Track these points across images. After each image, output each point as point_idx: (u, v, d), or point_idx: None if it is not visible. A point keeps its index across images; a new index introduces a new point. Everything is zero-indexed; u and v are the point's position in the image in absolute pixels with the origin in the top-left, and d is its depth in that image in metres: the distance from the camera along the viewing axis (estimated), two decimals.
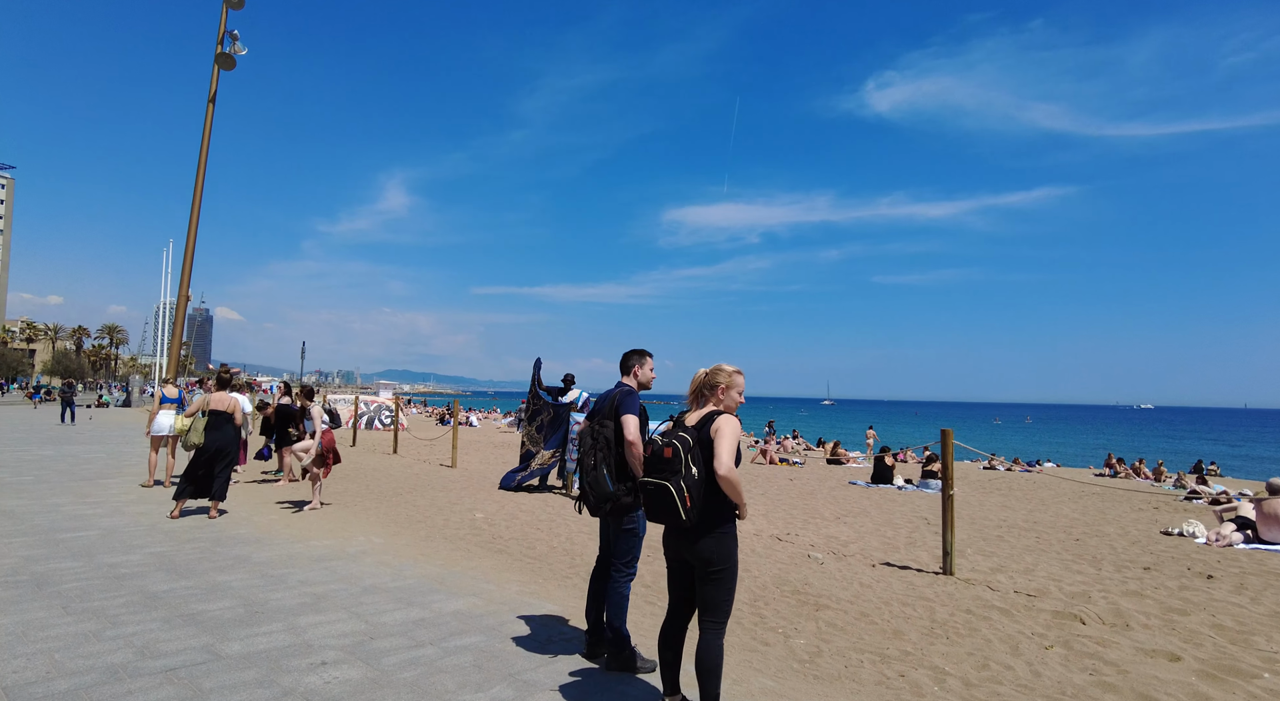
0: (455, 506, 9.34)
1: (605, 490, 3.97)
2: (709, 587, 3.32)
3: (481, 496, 10.20)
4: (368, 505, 9.43)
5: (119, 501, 9.02)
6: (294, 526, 7.79)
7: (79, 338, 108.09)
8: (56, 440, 17.61)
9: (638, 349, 4.41)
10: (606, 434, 4.06)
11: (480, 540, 7.41)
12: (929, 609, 5.32)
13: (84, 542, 6.69)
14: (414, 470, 13.59)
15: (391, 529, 7.90)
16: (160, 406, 10.55)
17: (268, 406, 11.91)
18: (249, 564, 6.09)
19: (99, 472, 11.73)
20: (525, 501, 9.78)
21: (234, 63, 18.13)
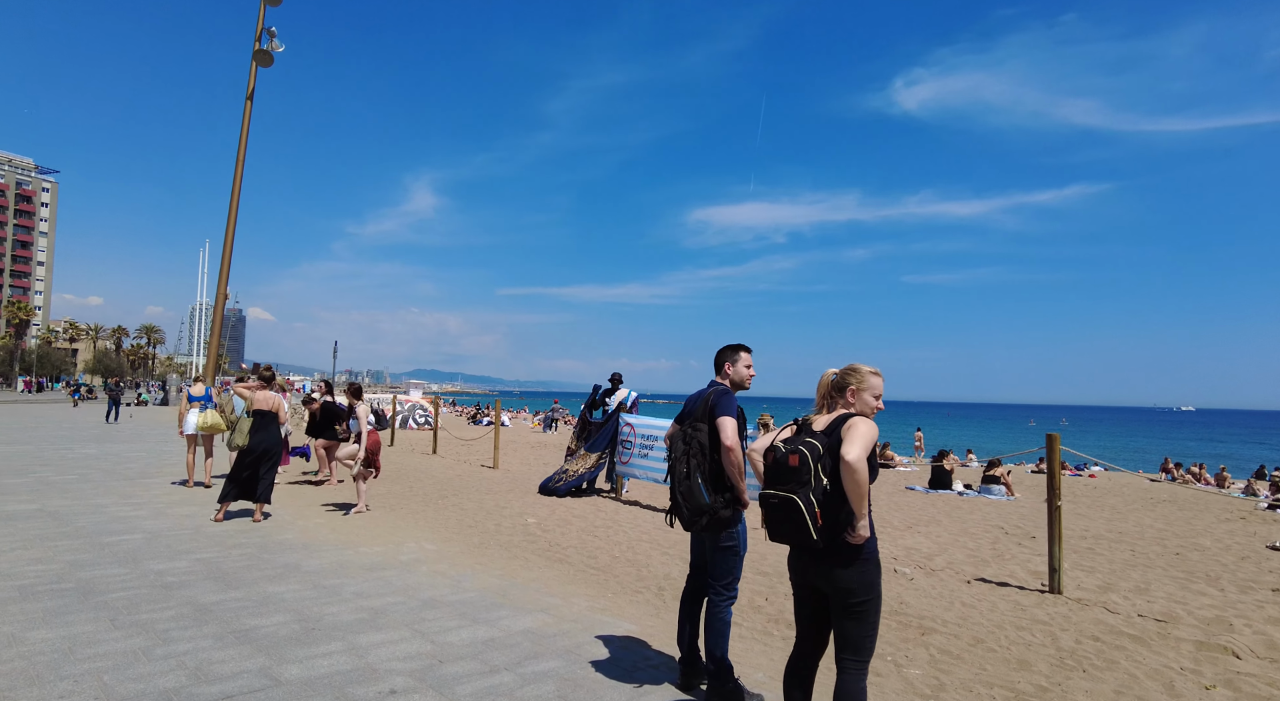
0: (504, 510, 8.95)
1: (700, 502, 3.51)
2: (849, 622, 2.84)
3: (529, 500, 9.81)
4: (414, 508, 9.09)
5: (162, 502, 8.79)
6: (341, 531, 7.46)
7: (118, 337, 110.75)
8: (99, 438, 17.66)
9: (731, 344, 3.93)
10: (700, 438, 3.60)
11: (536, 548, 6.99)
12: (1050, 634, 4.77)
13: (129, 546, 6.41)
14: (455, 471, 13.26)
15: (442, 534, 7.53)
16: (189, 405, 10.33)
17: (313, 402, 11.65)
18: (299, 573, 5.74)
19: (141, 472, 11.58)
20: (576, 505, 9.36)
21: (272, 60, 18.02)
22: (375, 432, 8.60)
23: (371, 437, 8.51)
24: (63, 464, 12.27)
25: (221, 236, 17.19)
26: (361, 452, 8.37)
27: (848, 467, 2.68)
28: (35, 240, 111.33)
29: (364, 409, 8.48)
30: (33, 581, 5.24)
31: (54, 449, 14.73)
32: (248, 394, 8.04)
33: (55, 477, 10.63)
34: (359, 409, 8.48)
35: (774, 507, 2.82)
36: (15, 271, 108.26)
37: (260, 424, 7.94)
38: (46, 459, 12.94)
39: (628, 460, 9.75)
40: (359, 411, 8.47)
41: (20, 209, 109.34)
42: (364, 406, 8.51)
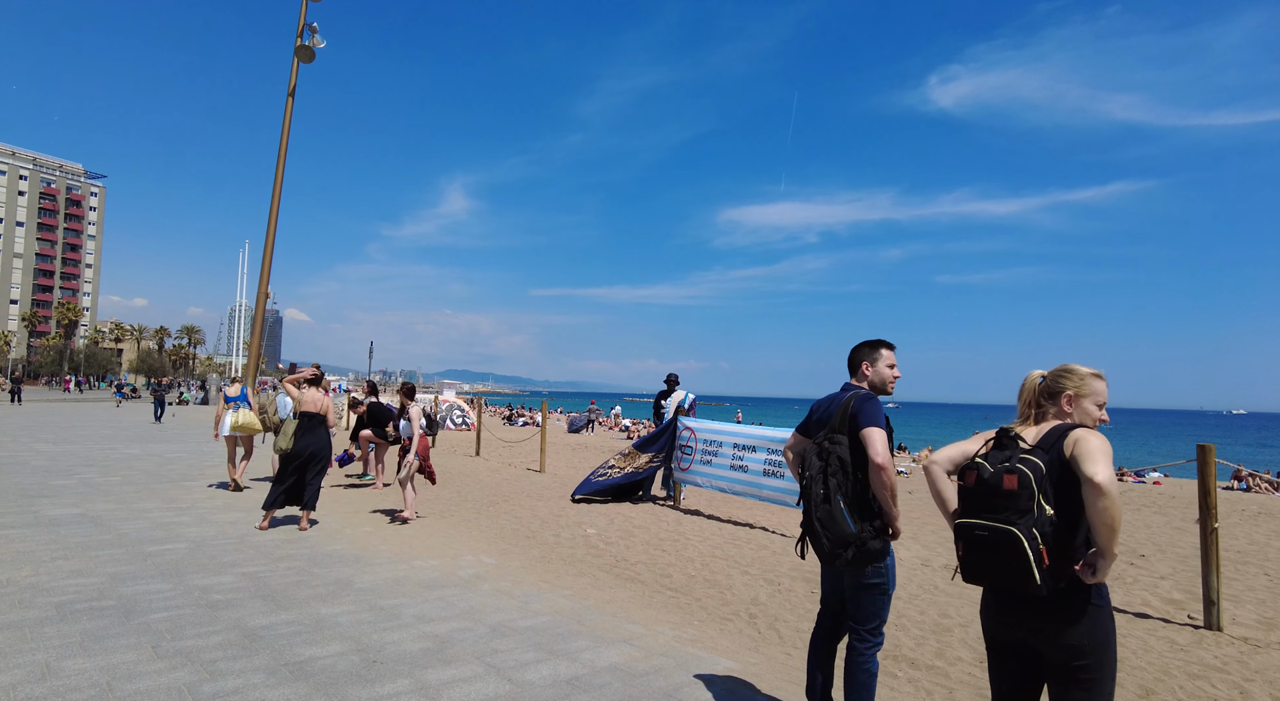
0: (560, 519, 8.42)
1: (845, 531, 2.90)
2: (1077, 692, 2.20)
3: (584, 508, 9.26)
4: (465, 515, 8.60)
5: (205, 508, 8.44)
6: (392, 542, 6.99)
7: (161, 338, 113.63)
8: (142, 438, 17.63)
9: (870, 340, 3.31)
10: (840, 453, 2.99)
11: (603, 563, 6.43)
12: (1236, 688, 4.04)
13: (172, 558, 6.00)
14: (501, 474, 12.80)
15: (499, 546, 7.01)
16: (225, 406, 10.00)
17: (360, 405, 11.27)
18: (352, 591, 5.26)
19: (183, 474, 11.32)
20: (635, 515, 8.79)
21: (314, 55, 17.82)
22: (425, 437, 8.13)
23: (421, 443, 8.04)
24: (106, 465, 12.09)
25: (261, 236, 17.03)
26: (412, 457, 7.91)
27: (1099, 492, 2.06)
28: (84, 243, 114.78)
29: (416, 411, 8.02)
30: (72, 597, 4.84)
31: (99, 449, 14.64)
32: (296, 392, 7.63)
33: (99, 479, 10.40)
34: (411, 411, 8.02)
35: (982, 543, 2.20)
36: (65, 273, 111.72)
37: (307, 426, 7.52)
38: (91, 459, 12.80)
39: (688, 466, 9.15)
40: (411, 413, 8.01)
41: (70, 213, 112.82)
42: (416, 408, 8.05)
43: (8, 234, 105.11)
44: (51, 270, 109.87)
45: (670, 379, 9.97)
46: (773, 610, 5.17)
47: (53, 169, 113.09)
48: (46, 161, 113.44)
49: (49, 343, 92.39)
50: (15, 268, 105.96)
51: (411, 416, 8.00)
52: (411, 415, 8.01)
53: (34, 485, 9.61)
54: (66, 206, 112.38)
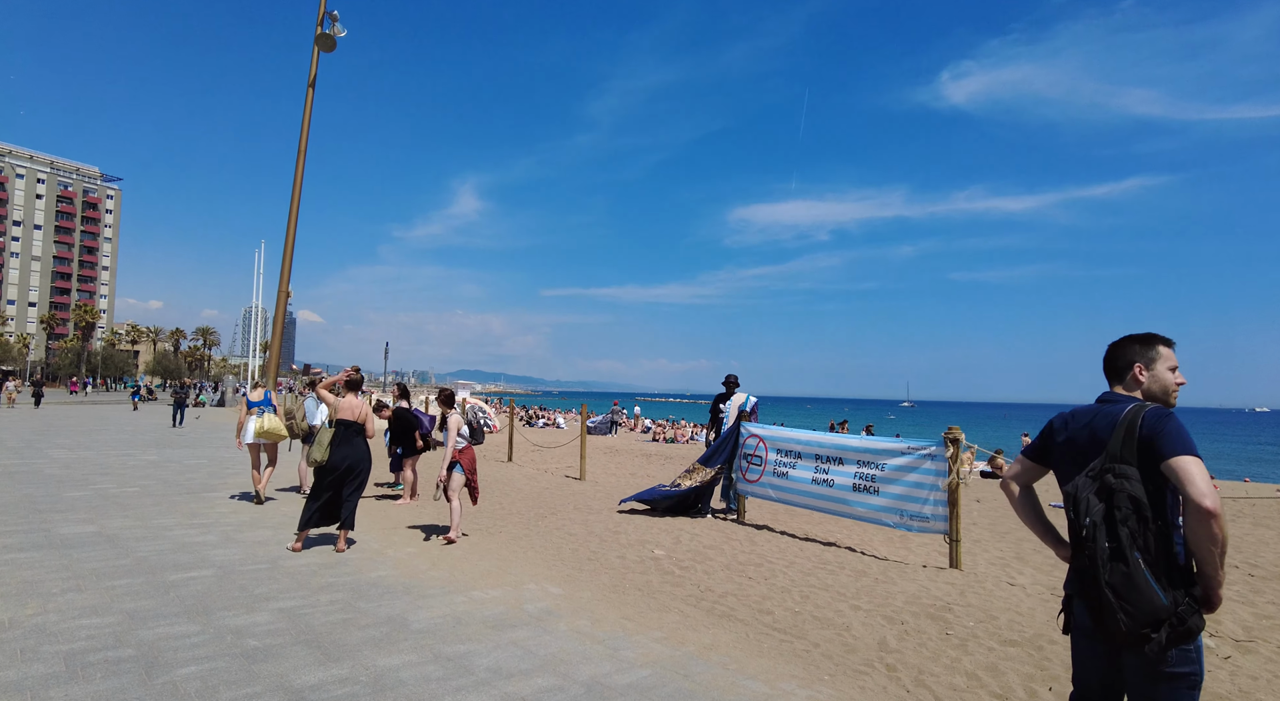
0: (619, 536, 7.61)
1: (1155, 603, 2.06)
2: None
3: (639, 522, 8.46)
4: (513, 531, 7.82)
5: (229, 524, 7.70)
6: (442, 566, 6.21)
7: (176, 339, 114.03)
8: (159, 443, 17.01)
9: (1139, 335, 2.46)
10: (1132, 491, 2.14)
11: (686, 594, 5.61)
12: None
13: (198, 589, 5.25)
14: (540, 482, 12.01)
15: (561, 570, 6.22)
16: (247, 412, 9.23)
17: (384, 408, 10.52)
18: (409, 633, 4.47)
19: (203, 484, 10.61)
20: (699, 532, 7.96)
21: (334, 44, 17.13)
22: (470, 448, 7.34)
23: (466, 454, 7.26)
24: (123, 473, 11.42)
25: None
26: (445, 473, 7.13)
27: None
28: (100, 246, 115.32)
29: (455, 420, 7.23)
30: (84, 645, 4.08)
31: (115, 455, 14.00)
32: (331, 399, 6.87)
33: (115, 490, 9.70)
34: (451, 419, 7.23)
35: None
36: (82, 276, 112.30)
37: (344, 436, 6.75)
38: (107, 467, 12.13)
39: (756, 478, 8.31)
40: (450, 422, 7.22)
41: (87, 216, 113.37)
42: (455, 417, 7.26)
43: (26, 237, 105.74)
44: (69, 272, 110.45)
45: (729, 380, 9.13)
46: (911, 659, 4.33)
47: (69, 172, 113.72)
48: (63, 165, 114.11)
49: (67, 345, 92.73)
50: (33, 270, 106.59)
51: (450, 426, 7.21)
52: (450, 425, 7.21)
53: (46, 497, 8.92)
54: (83, 209, 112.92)
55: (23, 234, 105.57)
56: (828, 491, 7.40)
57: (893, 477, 6.81)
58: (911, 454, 6.69)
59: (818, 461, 7.57)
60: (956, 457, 6.34)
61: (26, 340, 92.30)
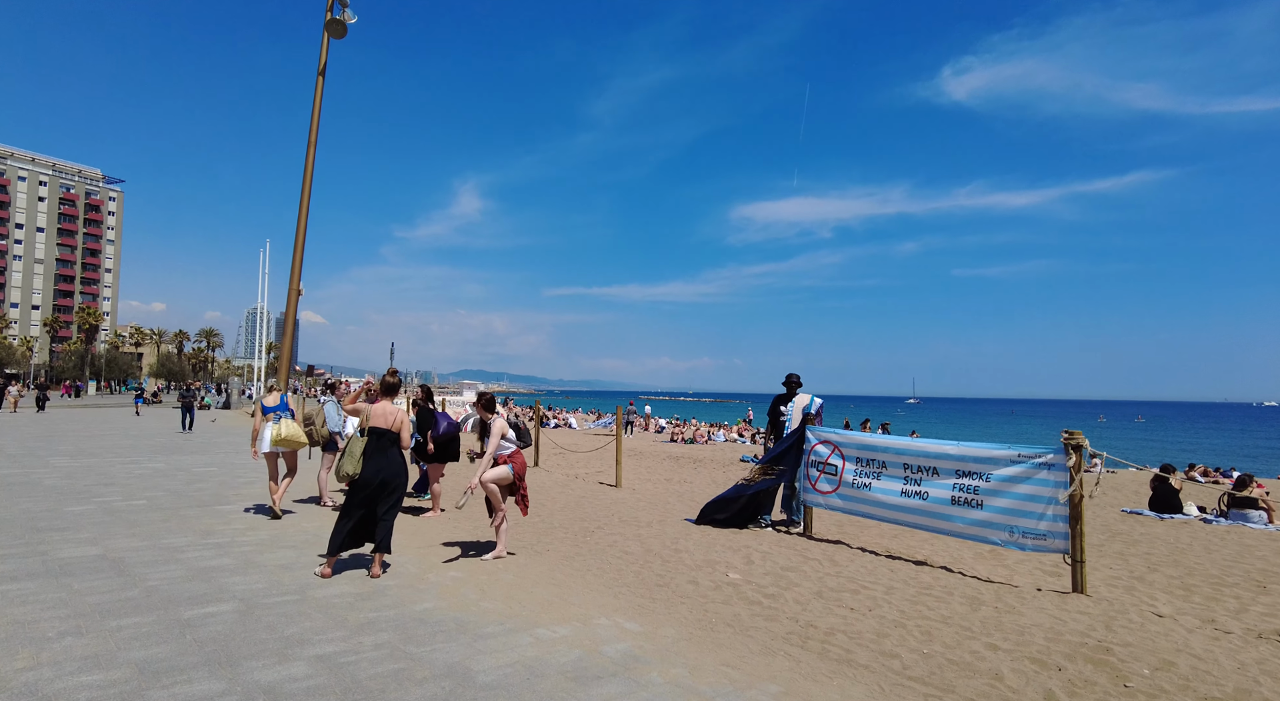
0: (682, 555, 6.83)
1: None
2: None
3: (698, 537, 7.68)
4: (562, 549, 7.04)
5: (247, 543, 6.94)
6: (493, 594, 5.43)
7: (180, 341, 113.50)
8: (166, 449, 16.26)
9: None
10: None
11: (786, 631, 4.82)
12: None
13: (219, 629, 4.48)
14: (574, 490, 11.23)
15: (632, 600, 5.44)
16: (263, 418, 8.44)
17: None
18: (477, 690, 3.70)
19: (215, 495, 9.85)
20: (770, 549, 7.17)
21: (345, 30, 16.37)
22: (519, 453, 6.56)
23: (516, 460, 6.48)
24: (129, 483, 10.66)
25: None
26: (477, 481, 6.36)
27: None
28: (103, 248, 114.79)
29: (500, 424, 6.45)
30: None
31: (120, 463, 13.25)
32: (363, 406, 6.10)
33: (121, 504, 8.95)
34: (495, 424, 6.45)
35: None
36: (85, 278, 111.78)
37: (377, 447, 5.97)
38: (112, 476, 11.38)
39: (830, 490, 7.51)
40: (494, 427, 6.45)
41: (89, 218, 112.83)
42: (499, 422, 6.48)
43: (28, 239, 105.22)
44: (72, 275, 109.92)
45: (791, 380, 8.34)
46: None
47: (71, 174, 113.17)
48: (65, 167, 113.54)
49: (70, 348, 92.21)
50: (36, 273, 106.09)
51: (493, 431, 6.43)
52: (493, 430, 6.44)
53: (46, 513, 8.17)
54: (85, 211, 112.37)
55: (25, 236, 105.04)
56: (920, 505, 6.60)
57: (1000, 489, 6.02)
58: (1024, 462, 5.89)
59: (907, 471, 6.77)
60: (1080, 467, 5.55)
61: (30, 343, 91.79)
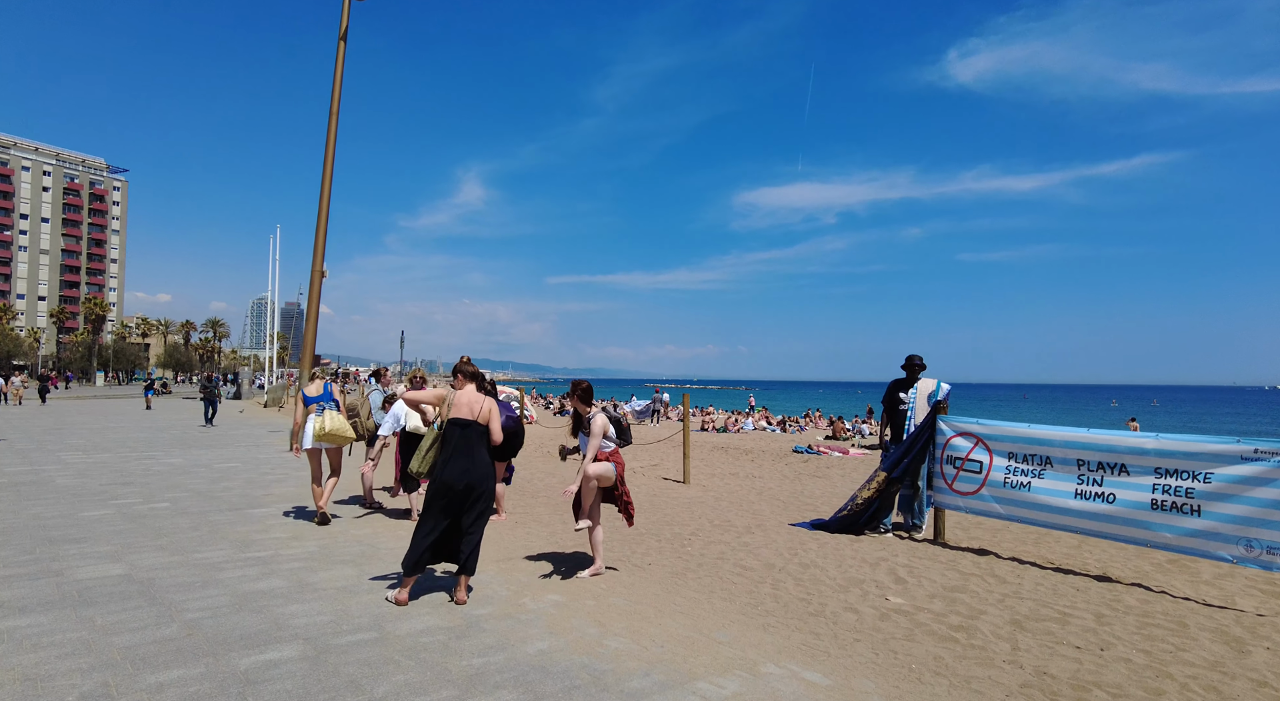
0: (815, 572, 5.75)
1: None
2: None
3: (811, 545, 6.62)
4: (667, 563, 5.98)
5: (295, 558, 5.89)
6: (614, 628, 4.36)
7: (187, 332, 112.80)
8: (183, 443, 15.25)
9: None
10: None
11: (1017, 682, 3.74)
12: None
13: (288, 688, 3.41)
14: (639, 487, 10.16)
15: (792, 637, 4.35)
16: (305, 409, 7.35)
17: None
18: None
19: (244, 496, 8.82)
20: (913, 562, 6.07)
21: None
22: (618, 453, 5.47)
23: (616, 460, 5.40)
24: (147, 483, 9.64)
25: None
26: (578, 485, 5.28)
27: None
28: (108, 238, 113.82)
29: (602, 421, 5.35)
30: None
31: (136, 459, 12.23)
32: (443, 393, 5.00)
33: (141, 506, 7.92)
34: (596, 421, 5.35)
35: None
36: (91, 269, 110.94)
37: (460, 443, 4.87)
38: (128, 474, 10.36)
39: (973, 490, 6.41)
40: (594, 424, 5.34)
41: (94, 208, 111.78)
42: (600, 417, 5.38)
43: (33, 230, 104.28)
44: (77, 266, 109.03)
45: (912, 362, 7.19)
46: None
47: (75, 164, 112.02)
48: (69, 156, 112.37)
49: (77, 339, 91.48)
50: (42, 264, 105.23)
51: (593, 428, 5.34)
52: (594, 427, 5.34)
53: (59, 519, 7.14)
54: (90, 201, 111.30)
55: (30, 227, 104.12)
56: (1105, 510, 5.49)
57: (1227, 492, 4.91)
58: (1265, 460, 4.78)
59: (1082, 468, 5.67)
60: None
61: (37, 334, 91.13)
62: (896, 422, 7.18)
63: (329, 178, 14.22)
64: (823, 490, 10.47)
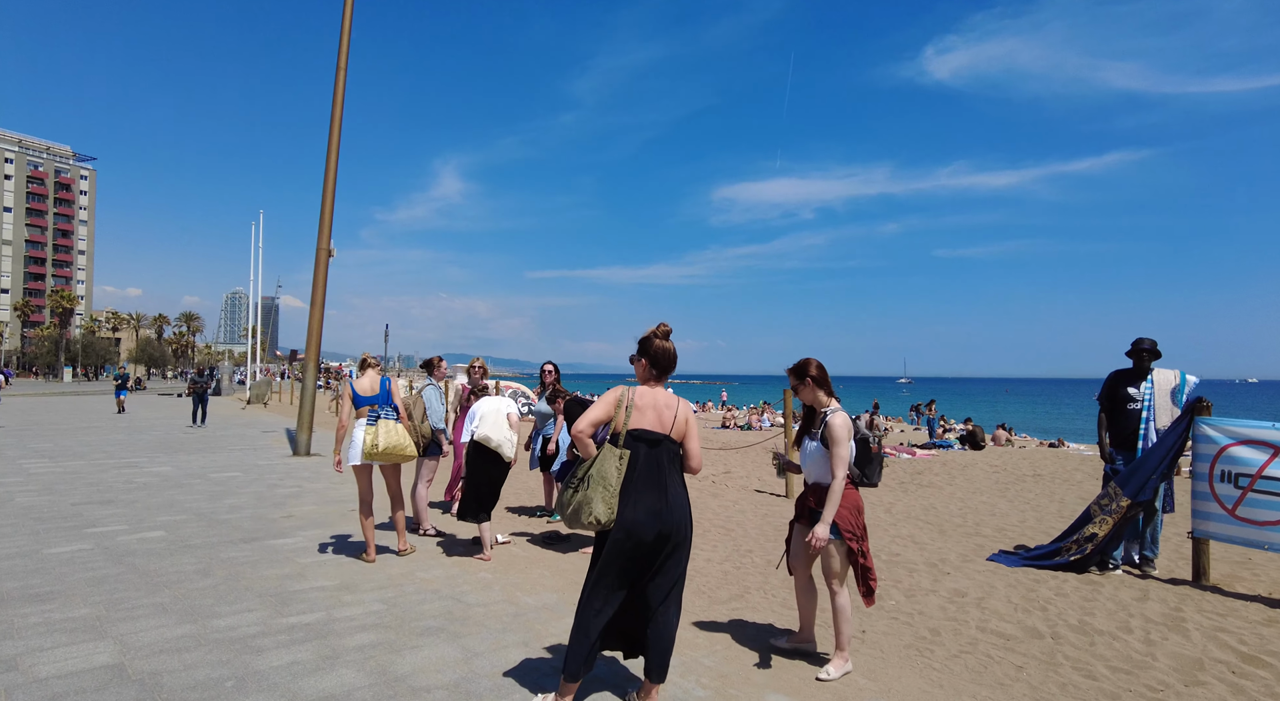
0: (1104, 639, 4.12)
1: None
2: None
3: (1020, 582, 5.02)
4: (880, 626, 4.30)
5: (355, 621, 4.13)
6: None
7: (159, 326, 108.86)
8: (168, 446, 13.27)
9: None
10: None
11: None
12: None
13: None
14: (735, 502, 8.45)
15: None
16: (354, 412, 5.55)
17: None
18: None
19: (258, 518, 7.01)
20: (1193, 613, 4.50)
21: None
22: (853, 489, 3.71)
23: (851, 500, 3.65)
24: (132, 501, 7.76)
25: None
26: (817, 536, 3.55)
27: None
28: (75, 229, 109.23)
29: (846, 427, 3.58)
30: None
31: (114, 467, 10.30)
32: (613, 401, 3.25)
33: (128, 537, 6.09)
34: (835, 425, 3.58)
35: None
36: (57, 261, 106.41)
37: (651, 471, 3.13)
38: (107, 488, 8.46)
39: (1264, 518, 4.79)
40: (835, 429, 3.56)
41: (60, 197, 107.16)
42: (844, 417, 3.62)
43: None
44: (43, 257, 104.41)
45: (1141, 348, 5.54)
46: None
47: (39, 151, 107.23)
48: (33, 143, 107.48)
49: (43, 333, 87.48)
50: (5, 255, 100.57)
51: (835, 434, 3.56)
52: (836, 434, 3.56)
53: (17, 560, 5.30)
54: (56, 190, 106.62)
55: None
56: None
57: None
58: None
59: None
60: None
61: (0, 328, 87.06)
62: (1123, 426, 5.55)
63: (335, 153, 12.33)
64: (943, 501, 8.88)
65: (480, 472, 5.64)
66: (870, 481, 3.79)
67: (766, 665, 3.69)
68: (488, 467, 5.63)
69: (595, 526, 3.04)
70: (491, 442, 5.55)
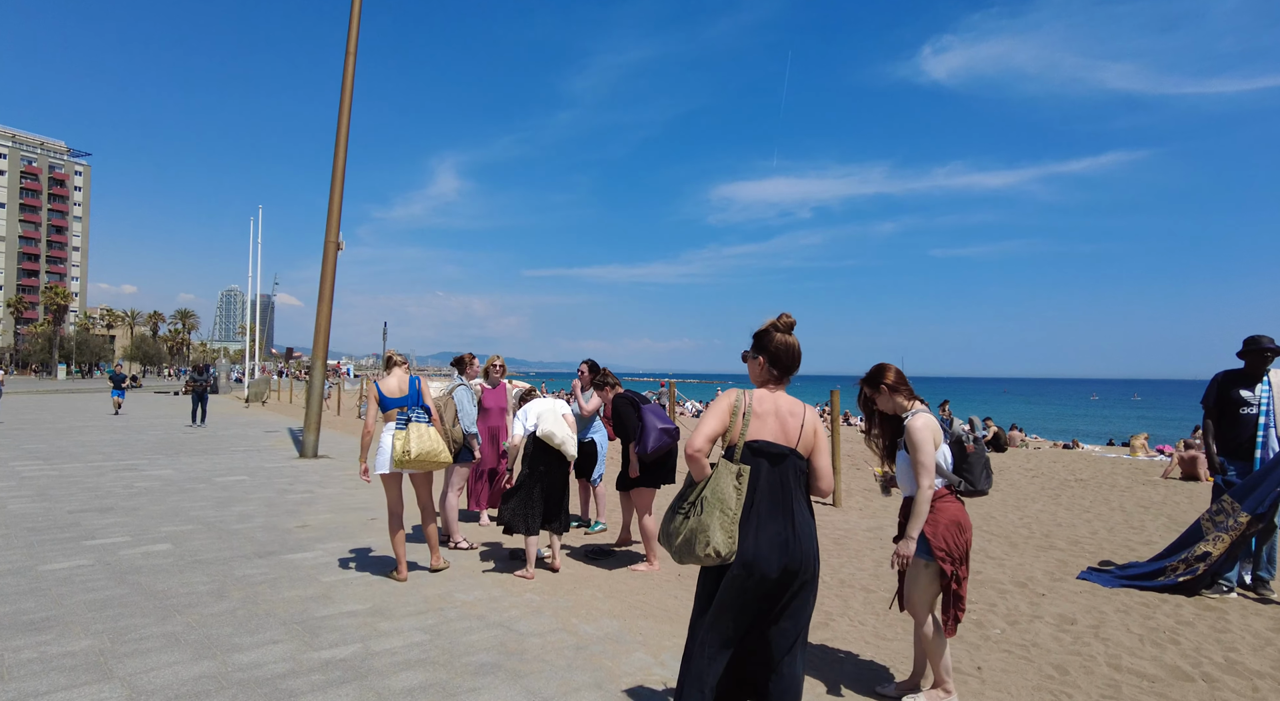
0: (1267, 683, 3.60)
1: None
2: None
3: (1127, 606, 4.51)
4: (994, 661, 3.79)
5: (396, 655, 3.60)
6: None
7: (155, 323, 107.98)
8: (168, 447, 12.69)
9: None
10: None
11: None
12: None
13: None
14: None
15: None
16: (381, 414, 5.01)
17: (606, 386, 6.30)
18: None
19: (271, 528, 6.47)
20: None
21: None
22: (955, 502, 3.21)
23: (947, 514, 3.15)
24: (134, 508, 7.20)
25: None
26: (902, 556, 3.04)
27: None
28: (69, 225, 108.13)
29: (931, 430, 3.12)
30: None
31: (113, 471, 9.72)
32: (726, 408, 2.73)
33: (131, 551, 5.53)
34: (917, 427, 3.11)
35: None
36: (51, 257, 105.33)
37: (775, 493, 2.61)
38: (105, 495, 7.90)
39: None
40: (917, 432, 3.10)
41: (54, 193, 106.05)
42: (929, 419, 3.15)
43: None
44: (36, 253, 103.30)
45: (1262, 345, 4.95)
46: None
47: (33, 146, 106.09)
48: (26, 139, 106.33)
49: (37, 330, 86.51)
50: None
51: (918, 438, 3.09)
52: (918, 437, 3.10)
53: (9, 579, 4.75)
54: (50, 186, 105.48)
55: None
56: None
57: None
58: None
59: None
60: None
61: None
62: (1236, 433, 5.03)
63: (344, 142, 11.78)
64: (997, 510, 8.39)
65: (537, 476, 5.12)
66: (978, 488, 3.29)
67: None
68: (549, 469, 5.13)
69: (714, 560, 2.51)
70: (555, 439, 5.05)
